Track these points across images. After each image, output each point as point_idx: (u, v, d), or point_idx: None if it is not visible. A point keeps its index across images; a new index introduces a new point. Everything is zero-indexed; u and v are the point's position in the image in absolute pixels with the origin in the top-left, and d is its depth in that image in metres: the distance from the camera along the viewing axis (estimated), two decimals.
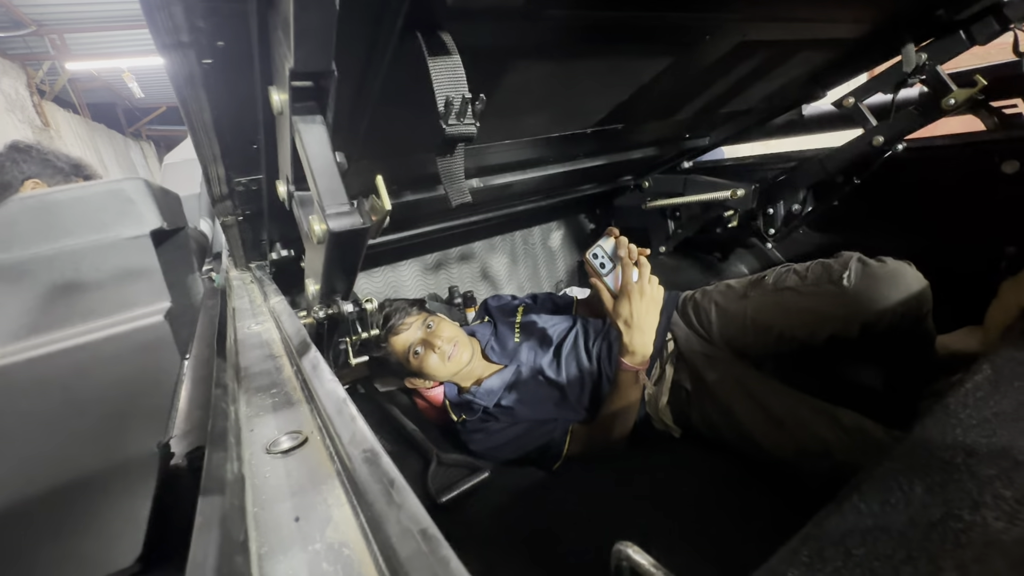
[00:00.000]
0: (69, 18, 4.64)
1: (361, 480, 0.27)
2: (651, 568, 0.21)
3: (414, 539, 0.22)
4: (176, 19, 0.39)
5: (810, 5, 0.84)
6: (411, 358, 1.24)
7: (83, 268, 0.26)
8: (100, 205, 0.27)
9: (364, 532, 0.25)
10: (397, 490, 0.25)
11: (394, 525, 0.23)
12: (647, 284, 0.98)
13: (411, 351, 1.24)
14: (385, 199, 0.40)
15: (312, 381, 0.42)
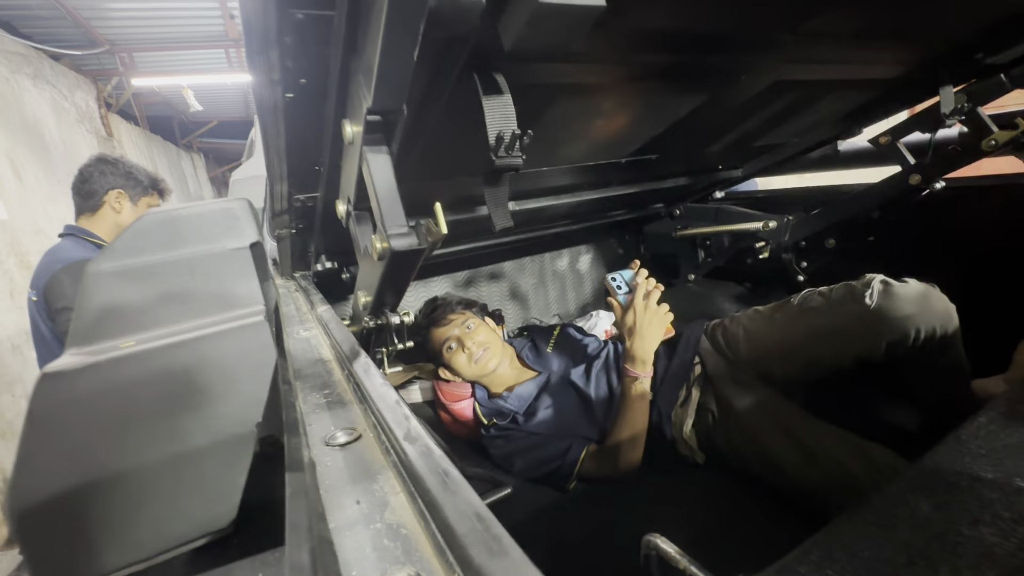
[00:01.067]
0: (139, 38, 5.00)
1: (418, 471, 0.31)
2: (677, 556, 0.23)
3: (469, 519, 0.25)
4: (272, 60, 0.45)
5: (846, 48, 0.87)
6: (444, 351, 1.31)
7: (197, 273, 0.31)
8: (213, 221, 0.32)
9: (421, 515, 0.29)
10: (452, 479, 0.28)
11: (451, 508, 0.26)
12: (653, 301, 1.09)
13: (445, 345, 1.31)
14: (442, 224, 0.44)
15: (364, 384, 0.47)
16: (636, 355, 1.07)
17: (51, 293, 1.45)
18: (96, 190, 1.59)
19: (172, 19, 4.75)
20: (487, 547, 0.23)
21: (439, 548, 0.26)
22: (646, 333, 1.08)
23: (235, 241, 0.32)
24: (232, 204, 0.33)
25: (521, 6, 0.42)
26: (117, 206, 1.61)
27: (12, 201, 3.14)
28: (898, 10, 0.78)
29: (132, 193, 1.62)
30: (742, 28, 0.71)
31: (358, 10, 0.39)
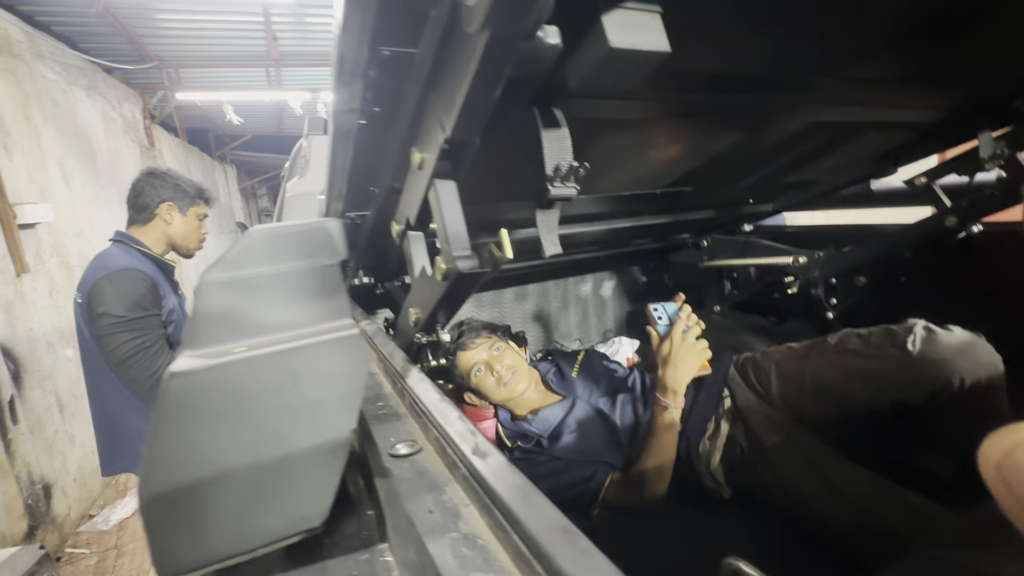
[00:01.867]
0: (186, 55, 5.26)
1: (491, 484, 0.32)
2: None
3: (555, 532, 0.26)
4: (355, 91, 0.49)
5: (886, 92, 0.89)
6: (472, 375, 1.32)
7: (294, 286, 0.34)
8: (310, 238, 0.35)
9: (499, 527, 0.30)
10: (531, 493, 0.30)
11: (534, 521, 0.28)
12: (691, 335, 1.10)
13: (474, 369, 1.32)
14: (507, 249, 0.46)
15: (421, 398, 0.49)
16: (668, 384, 1.08)
17: (94, 298, 1.51)
18: (148, 204, 1.67)
19: (218, 38, 5.00)
20: (576, 560, 0.25)
21: (522, 558, 0.27)
22: (680, 364, 1.08)
23: (328, 258, 0.35)
24: (327, 223, 0.36)
25: (593, 49, 0.45)
26: (168, 218, 1.69)
27: (59, 204, 3.28)
28: (940, 58, 0.80)
29: (181, 204, 1.70)
30: (785, 72, 0.74)
31: (445, 51, 0.42)
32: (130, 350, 1.49)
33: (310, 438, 0.31)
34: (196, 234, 1.79)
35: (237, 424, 0.29)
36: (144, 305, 1.54)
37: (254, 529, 0.31)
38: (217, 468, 0.29)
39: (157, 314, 1.59)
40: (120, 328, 1.49)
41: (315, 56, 5.87)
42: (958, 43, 0.75)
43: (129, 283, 1.53)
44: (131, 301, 1.51)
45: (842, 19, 0.62)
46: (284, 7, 4.42)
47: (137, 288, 1.53)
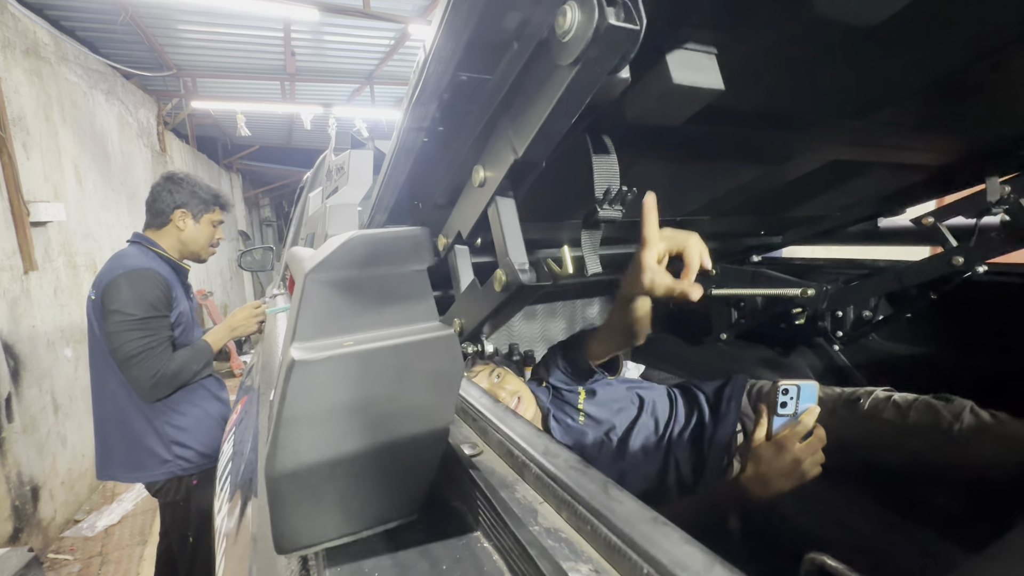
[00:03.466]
0: (204, 65, 5.38)
1: (568, 481, 0.34)
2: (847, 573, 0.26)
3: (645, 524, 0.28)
4: (429, 111, 0.52)
5: (904, 135, 0.93)
6: None
7: (387, 288, 0.36)
8: (403, 244, 0.37)
9: (582, 520, 0.32)
10: (613, 489, 0.32)
11: (621, 514, 0.30)
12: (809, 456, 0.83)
13: None
14: (567, 265, 0.49)
15: (475, 404, 0.51)
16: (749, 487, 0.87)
17: (108, 295, 1.53)
18: (163, 209, 1.69)
19: (237, 50, 5.11)
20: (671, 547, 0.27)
21: (612, 548, 0.29)
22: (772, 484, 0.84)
23: (416, 263, 0.38)
24: (417, 231, 0.38)
25: (656, 84, 0.49)
26: (181, 224, 1.71)
27: (71, 204, 3.31)
28: (955, 107, 0.85)
29: (195, 211, 1.72)
30: (818, 112, 0.78)
31: (525, 79, 0.46)
32: (135, 349, 1.50)
33: (413, 428, 0.33)
34: (209, 240, 1.81)
35: (351, 412, 0.31)
36: (156, 306, 1.55)
37: (362, 512, 0.33)
38: (334, 452, 0.31)
39: (167, 316, 1.60)
40: (130, 326, 1.50)
41: (330, 72, 6.01)
42: (973, 95, 0.81)
43: (145, 283, 1.54)
44: (145, 301, 1.53)
45: (872, 67, 0.67)
46: (305, 24, 4.55)
47: (152, 289, 1.55)
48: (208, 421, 1.73)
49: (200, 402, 1.72)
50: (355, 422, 0.32)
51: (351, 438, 0.32)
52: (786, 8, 0.46)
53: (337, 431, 0.31)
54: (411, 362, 0.33)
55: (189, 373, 1.62)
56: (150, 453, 1.65)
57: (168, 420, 1.65)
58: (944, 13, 0.54)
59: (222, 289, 7.68)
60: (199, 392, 1.72)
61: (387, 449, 0.32)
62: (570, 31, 0.36)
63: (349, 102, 6.90)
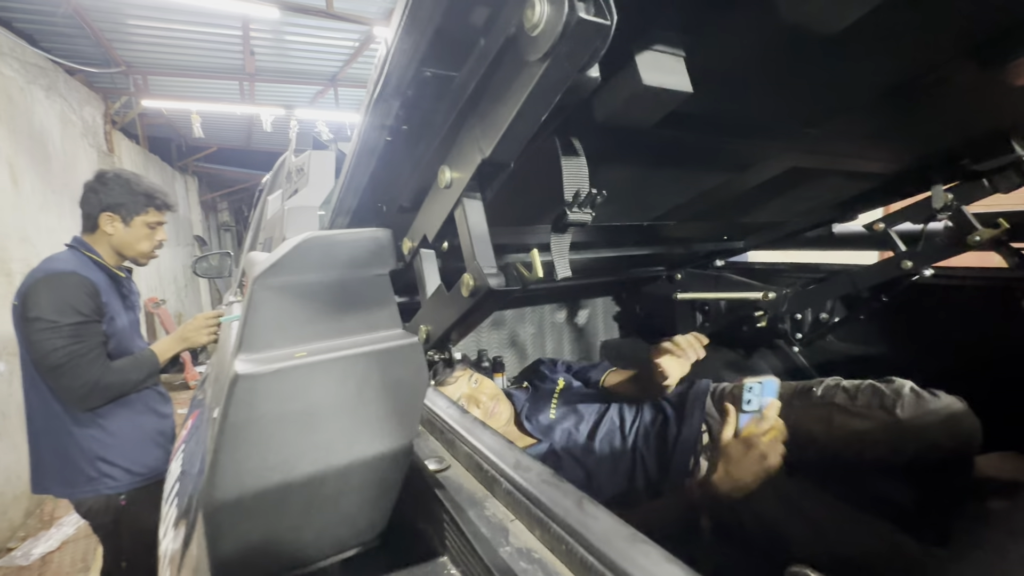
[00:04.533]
0: (156, 62, 5.14)
1: (542, 498, 0.33)
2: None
3: (622, 542, 0.27)
4: (392, 108, 0.50)
5: (858, 144, 0.97)
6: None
7: (346, 294, 0.34)
8: (363, 247, 0.35)
9: (556, 539, 0.30)
10: (588, 504, 0.30)
11: (597, 532, 0.28)
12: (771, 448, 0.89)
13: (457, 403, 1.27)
14: (537, 269, 0.48)
15: (442, 415, 0.48)
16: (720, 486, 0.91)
17: (28, 301, 1.41)
18: (90, 213, 1.56)
19: (193, 48, 4.91)
20: (650, 567, 0.25)
21: (589, 569, 0.28)
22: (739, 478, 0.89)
23: (378, 267, 0.35)
24: (379, 233, 0.36)
25: (626, 85, 0.48)
26: (110, 228, 1.56)
27: (5, 207, 3.08)
28: (904, 119, 0.89)
29: (124, 214, 1.58)
30: (780, 120, 0.80)
31: (492, 77, 0.44)
32: (62, 357, 1.38)
33: (373, 446, 0.30)
34: (144, 244, 1.65)
35: (303, 429, 0.28)
36: (82, 311, 1.43)
37: (317, 541, 0.30)
38: (284, 475, 0.28)
39: (97, 321, 1.48)
40: (54, 334, 1.38)
41: (291, 73, 5.85)
42: (919, 107, 0.84)
43: (66, 287, 1.42)
44: (67, 305, 1.40)
45: (828, 77, 0.68)
46: (265, 23, 4.41)
47: (76, 293, 1.42)
48: (139, 436, 1.60)
49: (134, 416, 1.59)
50: (309, 441, 0.29)
51: (304, 459, 0.29)
52: (751, 11, 0.47)
53: (288, 452, 0.28)
54: (371, 373, 0.30)
55: (128, 383, 1.51)
56: (76, 468, 1.51)
57: (92, 434, 1.52)
58: (894, 27, 0.56)
59: (176, 297, 7.32)
60: (134, 405, 1.59)
61: (345, 470, 0.30)
62: (539, 25, 0.35)
63: (312, 104, 6.73)
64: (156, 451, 1.64)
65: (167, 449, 1.67)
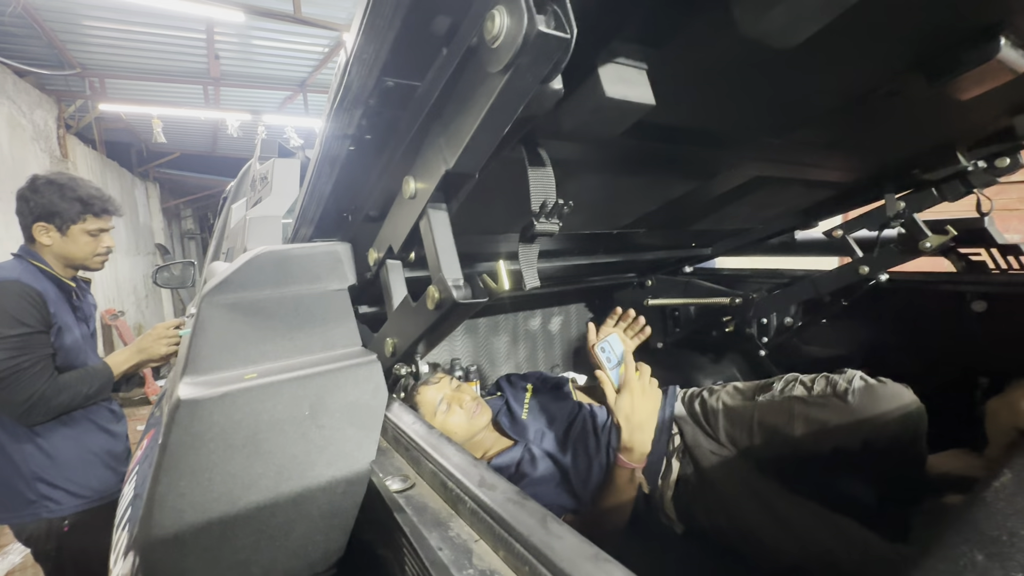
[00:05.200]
0: (114, 65, 4.95)
1: (507, 517, 0.32)
2: None
3: (586, 563, 0.26)
4: (353, 117, 0.49)
5: (816, 154, 1.00)
6: (438, 412, 1.24)
7: (302, 311, 0.32)
8: (319, 261, 0.33)
9: (520, 560, 0.29)
10: (553, 523, 0.30)
11: (561, 552, 0.28)
12: (648, 384, 1.01)
13: (440, 405, 1.24)
14: (503, 282, 0.47)
15: (407, 431, 0.47)
16: (635, 447, 0.99)
17: None
18: (23, 223, 1.48)
19: (154, 51, 4.76)
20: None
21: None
22: (646, 424, 0.99)
23: (336, 282, 0.34)
24: (337, 247, 0.35)
25: (590, 97, 0.48)
26: (45, 239, 1.47)
27: None
28: (862, 130, 0.92)
29: (59, 223, 1.47)
30: (741, 130, 0.82)
31: (455, 87, 0.43)
32: (2, 371, 1.30)
33: (329, 470, 0.29)
34: (87, 251, 1.55)
35: (252, 456, 0.27)
36: (26, 321, 1.35)
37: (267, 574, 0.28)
38: (230, 506, 0.26)
39: (43, 332, 1.40)
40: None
41: (258, 78, 5.73)
42: (872, 119, 0.88)
43: (8, 297, 1.34)
44: (8, 316, 1.33)
45: (788, 90, 0.71)
46: (230, 27, 4.31)
47: (17, 302, 1.34)
48: (85, 457, 1.51)
49: (79, 435, 1.49)
50: (258, 468, 0.27)
51: (253, 488, 0.27)
52: (711, 27, 0.48)
53: (235, 481, 0.27)
54: (327, 394, 0.29)
55: (77, 396, 1.42)
56: (14, 490, 1.41)
57: (30, 453, 1.42)
58: (846, 44, 0.58)
59: (136, 308, 7.02)
60: (80, 423, 1.50)
61: (297, 497, 0.28)
62: (499, 37, 0.35)
63: (280, 110, 6.59)
64: (103, 472, 1.54)
65: (117, 471, 1.58)
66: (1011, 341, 1.29)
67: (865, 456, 1.03)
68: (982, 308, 1.35)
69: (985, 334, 1.34)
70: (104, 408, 1.58)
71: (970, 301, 1.36)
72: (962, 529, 0.31)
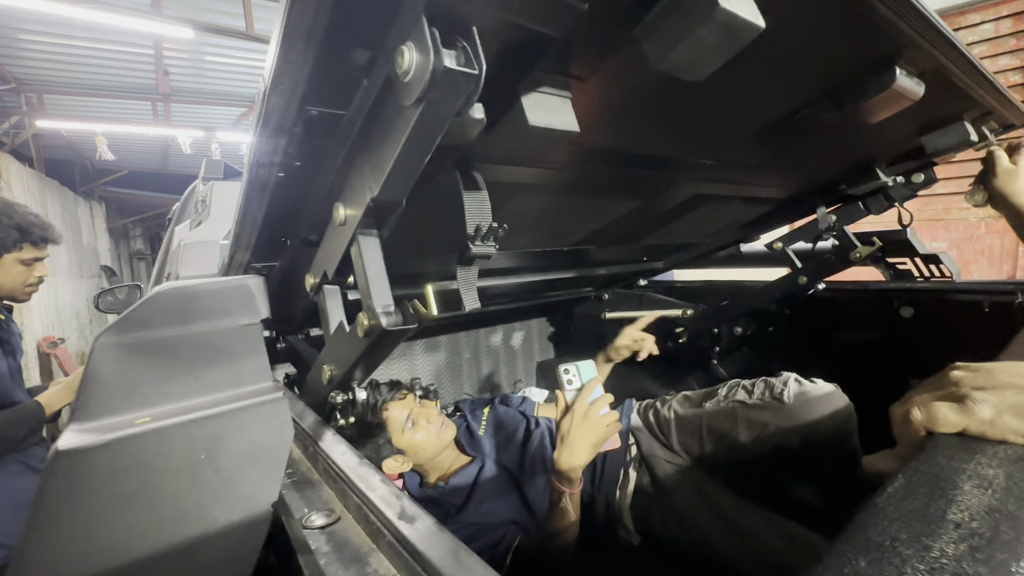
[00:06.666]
0: (54, 80, 4.72)
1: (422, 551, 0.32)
2: None
3: None
4: (278, 145, 0.48)
5: (750, 173, 1.06)
6: (404, 430, 1.20)
7: (209, 348, 0.31)
8: (229, 296, 0.32)
9: None
10: (465, 557, 0.30)
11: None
12: (595, 410, 0.95)
13: (407, 423, 1.21)
14: (431, 307, 0.47)
15: (338, 462, 0.46)
16: (562, 469, 0.93)
17: None
18: None
19: (97, 66, 4.57)
20: None
21: None
22: (576, 448, 0.92)
23: (247, 317, 0.33)
24: (248, 280, 0.34)
25: (514, 126, 0.49)
26: None
27: None
28: (788, 150, 0.98)
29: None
30: (675, 152, 0.85)
31: (376, 117, 0.44)
32: None
33: (226, 515, 0.28)
34: (18, 282, 1.47)
35: (141, 506, 0.26)
36: None
37: None
38: (117, 560, 0.25)
39: None
40: None
41: (211, 94, 5.59)
42: (796, 140, 0.93)
43: None
44: None
45: (711, 116, 0.74)
46: (180, 43, 4.20)
47: None
48: (14, 502, 1.40)
49: (7, 479, 1.39)
50: (150, 516, 0.26)
51: (141, 539, 0.26)
52: (624, 61, 0.50)
53: (121, 534, 0.26)
54: (227, 435, 0.28)
55: (5, 441, 1.32)
56: None
57: None
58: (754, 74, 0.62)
59: (79, 334, 6.61)
60: (7, 465, 1.39)
61: (192, 547, 0.27)
62: (409, 72, 0.35)
63: (236, 127, 6.43)
64: None
65: None
66: (936, 344, 1.38)
67: (804, 455, 1.08)
68: (909, 314, 1.44)
69: (913, 338, 1.43)
70: (36, 447, 1.47)
71: (898, 307, 1.45)
72: (852, 535, 0.33)
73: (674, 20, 0.41)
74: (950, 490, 0.35)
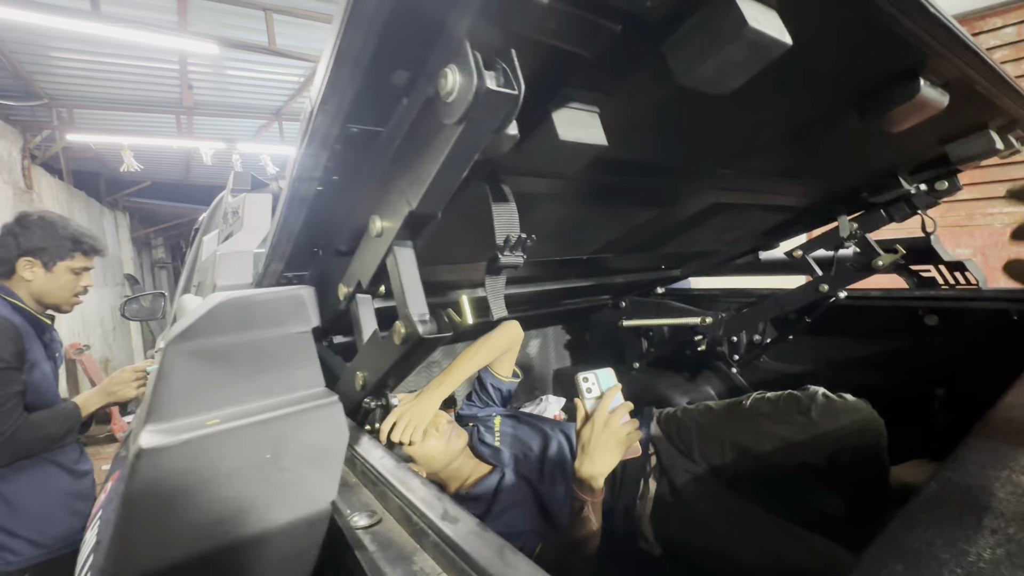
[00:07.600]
0: (83, 95, 4.89)
1: (468, 550, 0.33)
2: None
3: None
4: (320, 160, 0.51)
5: (770, 181, 1.06)
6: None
7: (264, 355, 0.33)
8: (282, 306, 0.34)
9: None
10: (511, 556, 0.31)
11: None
12: (616, 418, 0.94)
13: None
14: (466, 315, 0.49)
15: (375, 465, 0.48)
16: (584, 478, 0.93)
17: None
18: (7, 257, 1.45)
19: (124, 82, 4.73)
20: None
21: None
22: (598, 456, 0.92)
23: (299, 325, 0.35)
24: (300, 291, 0.36)
25: (545, 141, 0.51)
26: (28, 274, 1.45)
27: None
28: (809, 159, 0.98)
29: (46, 259, 1.47)
30: (695, 162, 0.86)
31: (415, 135, 0.46)
32: None
33: (288, 512, 0.30)
34: (67, 290, 1.54)
35: (212, 502, 0.27)
36: (2, 356, 1.32)
37: None
38: (191, 552, 0.27)
39: (17, 368, 1.36)
40: None
41: (233, 107, 5.73)
42: (818, 149, 0.94)
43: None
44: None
45: (734, 126, 0.75)
46: (204, 58, 4.32)
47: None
48: (47, 501, 1.44)
49: (41, 479, 1.43)
50: (219, 513, 0.28)
51: (211, 534, 0.28)
52: (650, 77, 0.51)
53: (194, 528, 0.27)
54: (287, 437, 0.30)
55: (46, 439, 1.37)
56: None
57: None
58: (778, 86, 0.63)
59: (103, 341, 6.77)
60: (43, 466, 1.44)
61: (257, 541, 0.29)
62: (452, 93, 0.37)
63: (255, 138, 6.58)
64: (68, 519, 1.48)
65: (82, 515, 1.51)
66: (962, 352, 1.36)
67: (830, 470, 1.07)
68: (934, 322, 1.42)
69: (938, 346, 1.41)
70: (69, 448, 1.53)
71: (923, 316, 1.43)
72: (887, 542, 0.33)
73: (702, 38, 0.43)
74: (984, 497, 0.36)
